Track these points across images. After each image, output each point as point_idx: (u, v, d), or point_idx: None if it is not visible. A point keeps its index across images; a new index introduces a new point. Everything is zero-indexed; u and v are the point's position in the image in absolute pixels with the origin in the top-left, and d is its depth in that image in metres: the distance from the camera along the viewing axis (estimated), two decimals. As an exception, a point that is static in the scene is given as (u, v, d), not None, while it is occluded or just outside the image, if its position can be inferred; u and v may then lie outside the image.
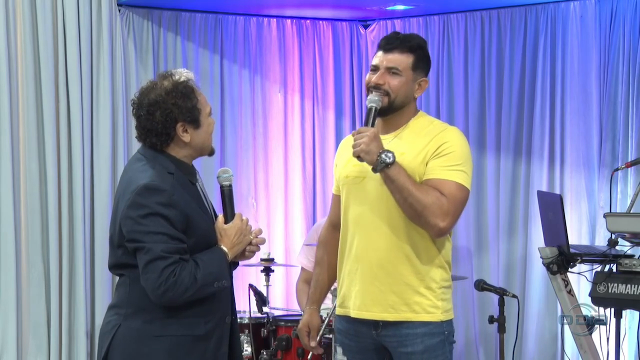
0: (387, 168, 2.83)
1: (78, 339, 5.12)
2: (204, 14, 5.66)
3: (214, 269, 2.64)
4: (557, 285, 3.98)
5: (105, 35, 5.23)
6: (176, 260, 2.58)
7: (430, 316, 2.92)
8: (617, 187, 5.08)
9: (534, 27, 5.49)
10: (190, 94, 2.69)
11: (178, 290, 2.58)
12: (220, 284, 2.65)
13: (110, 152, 5.25)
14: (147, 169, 2.66)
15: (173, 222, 2.60)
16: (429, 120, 3.05)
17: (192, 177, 2.74)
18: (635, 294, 3.71)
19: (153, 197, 2.59)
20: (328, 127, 6.03)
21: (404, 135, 2.98)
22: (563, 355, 5.23)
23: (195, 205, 2.69)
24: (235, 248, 2.70)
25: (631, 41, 5.14)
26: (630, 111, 5.16)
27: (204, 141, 2.72)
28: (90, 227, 5.23)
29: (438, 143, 2.92)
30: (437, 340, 2.92)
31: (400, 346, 2.92)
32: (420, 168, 2.91)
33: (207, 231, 2.69)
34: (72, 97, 5.16)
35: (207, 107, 2.74)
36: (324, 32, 6.03)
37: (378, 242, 2.93)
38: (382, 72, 2.96)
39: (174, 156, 2.69)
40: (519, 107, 5.57)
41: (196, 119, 2.68)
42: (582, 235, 5.25)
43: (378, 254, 2.93)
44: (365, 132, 2.86)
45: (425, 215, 2.84)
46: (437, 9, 5.75)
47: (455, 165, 2.89)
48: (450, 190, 2.87)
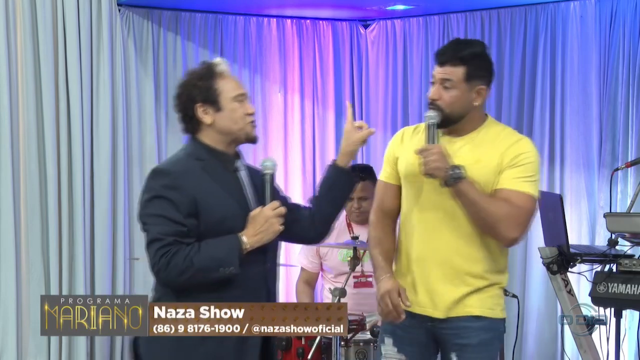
0: (457, 183, 2.87)
1: (78, 339, 5.12)
2: (204, 13, 5.66)
3: (219, 254, 2.63)
4: (557, 285, 3.98)
5: (105, 35, 5.22)
6: (170, 242, 2.62)
7: (490, 312, 3.00)
8: (617, 187, 5.07)
9: (534, 27, 5.49)
10: (210, 75, 2.73)
11: (171, 272, 2.62)
12: (226, 270, 2.63)
13: (110, 151, 5.25)
14: (173, 155, 2.78)
15: (176, 205, 2.63)
16: (501, 127, 3.08)
17: (229, 164, 2.75)
18: (635, 294, 3.71)
19: (159, 180, 2.67)
20: (328, 127, 6.02)
21: (477, 141, 2.99)
22: (563, 355, 5.22)
23: (217, 191, 2.69)
24: (258, 236, 2.68)
25: (631, 41, 5.14)
26: (630, 111, 5.16)
27: (229, 126, 2.73)
28: (90, 226, 5.22)
29: (515, 153, 2.96)
30: (491, 335, 3.00)
31: (456, 338, 2.96)
32: (494, 177, 2.95)
33: (226, 217, 2.68)
34: (72, 97, 5.16)
35: (234, 91, 2.74)
36: (324, 32, 6.03)
37: (448, 239, 2.97)
38: (437, 87, 2.97)
39: (207, 143, 2.74)
40: (519, 107, 5.57)
41: (214, 101, 2.72)
42: (582, 235, 5.25)
43: (448, 251, 2.96)
44: (432, 150, 2.90)
45: (498, 227, 2.91)
46: (437, 8, 5.74)
47: (529, 177, 2.94)
48: (522, 201, 2.92)
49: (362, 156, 6.01)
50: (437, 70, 2.98)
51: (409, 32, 5.94)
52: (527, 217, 2.95)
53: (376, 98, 6.06)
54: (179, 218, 2.63)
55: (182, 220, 2.63)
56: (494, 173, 2.94)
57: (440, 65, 2.96)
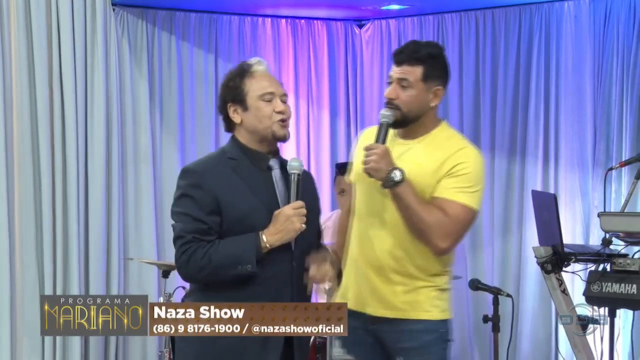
0: (395, 186, 2.86)
1: (72, 339, 5.11)
2: (199, 13, 5.66)
3: (236, 252, 2.67)
4: (551, 284, 3.98)
5: (100, 34, 5.22)
6: (190, 239, 2.68)
7: (427, 314, 2.95)
8: (611, 187, 5.08)
9: (529, 26, 5.50)
10: (240, 75, 2.78)
11: (191, 269, 2.69)
12: (243, 267, 2.67)
13: (104, 151, 5.24)
14: (210, 153, 2.88)
15: (199, 203, 2.69)
16: (450, 134, 3.05)
17: (262, 163, 2.78)
18: (629, 293, 3.72)
19: (185, 179, 2.75)
20: (322, 126, 6.02)
21: (424, 144, 2.99)
22: (557, 355, 5.23)
23: (241, 190, 2.72)
24: (279, 235, 2.70)
25: (625, 41, 5.15)
26: (624, 111, 5.17)
27: (255, 125, 2.77)
28: (85, 226, 5.22)
29: (454, 162, 2.93)
30: (433, 337, 2.95)
31: (398, 342, 2.95)
32: (432, 181, 2.92)
33: (247, 215, 2.71)
34: (66, 96, 5.15)
35: (261, 90, 2.77)
36: (319, 31, 6.03)
37: (383, 239, 2.96)
38: (394, 86, 2.96)
39: (241, 142, 2.79)
40: (514, 106, 5.58)
41: (242, 100, 2.76)
42: (576, 234, 5.25)
43: (381, 252, 2.96)
44: (375, 150, 2.89)
45: (427, 234, 2.88)
46: (431, 8, 5.75)
47: (466, 187, 2.91)
48: (456, 211, 2.88)
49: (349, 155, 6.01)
50: (394, 69, 2.97)
51: (404, 32, 5.94)
52: (458, 227, 2.90)
53: (370, 97, 6.06)
54: (201, 216, 2.69)
55: (204, 217, 2.69)
56: (431, 177, 2.92)
57: (398, 65, 2.96)
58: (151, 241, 5.41)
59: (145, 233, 5.41)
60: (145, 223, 5.41)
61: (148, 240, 5.41)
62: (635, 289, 3.69)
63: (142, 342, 5.35)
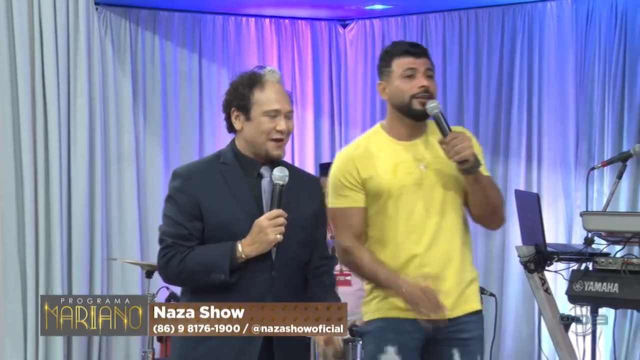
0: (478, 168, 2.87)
1: (55, 338, 5.09)
2: (182, 13, 5.65)
3: (210, 260, 2.68)
4: (534, 283, 4.00)
5: (82, 34, 5.20)
6: (170, 243, 2.71)
7: (480, 305, 3.02)
8: (594, 186, 5.11)
9: (512, 26, 5.52)
10: (250, 83, 2.75)
11: (169, 272, 2.72)
12: (217, 276, 2.68)
13: (87, 151, 5.22)
14: (206, 156, 2.90)
15: (182, 208, 2.71)
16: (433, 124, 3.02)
17: (253, 171, 2.76)
18: (611, 292, 3.74)
19: (173, 182, 2.76)
20: (307, 126, 6.03)
21: (431, 139, 2.94)
22: (540, 353, 5.26)
23: (225, 196, 2.71)
24: (254, 246, 2.69)
25: (607, 41, 5.19)
26: (606, 110, 5.20)
27: (253, 137, 2.74)
28: (68, 226, 5.19)
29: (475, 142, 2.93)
30: (483, 327, 3.02)
31: (459, 333, 2.94)
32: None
33: (229, 223, 2.70)
34: (49, 96, 5.13)
35: (267, 106, 2.72)
36: (303, 31, 6.03)
37: (445, 244, 2.93)
38: (423, 76, 2.89)
39: (238, 147, 2.78)
40: (497, 106, 5.60)
41: (247, 109, 2.74)
42: (558, 233, 5.28)
43: (446, 255, 2.92)
44: (462, 137, 2.83)
45: (501, 210, 2.95)
46: (415, 8, 5.77)
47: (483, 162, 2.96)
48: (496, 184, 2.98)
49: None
50: (414, 61, 2.90)
51: (388, 32, 5.95)
52: None
53: (355, 97, 6.07)
54: (183, 221, 2.70)
55: (185, 223, 2.70)
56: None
57: (417, 57, 2.91)
58: (134, 241, 5.40)
59: (129, 233, 5.40)
60: (128, 223, 5.40)
61: (131, 241, 5.40)
62: (617, 288, 3.71)
63: (125, 342, 5.34)
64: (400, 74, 2.90)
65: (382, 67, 2.95)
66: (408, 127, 2.94)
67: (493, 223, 3.02)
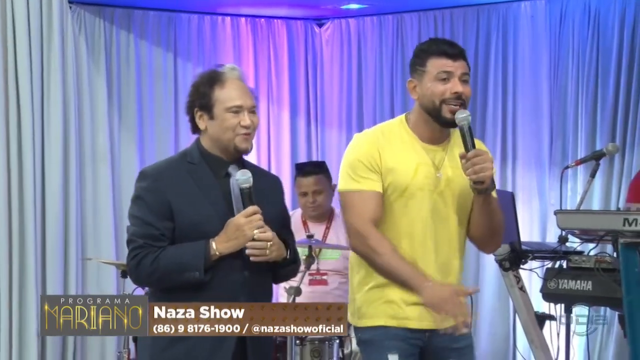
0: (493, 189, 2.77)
1: (28, 339, 5.05)
2: (157, 11, 5.62)
3: (184, 259, 2.66)
4: (509, 281, 4.03)
5: (56, 32, 5.16)
6: (141, 244, 2.68)
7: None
8: (567, 185, 5.16)
9: (486, 26, 5.56)
10: (210, 82, 2.73)
11: (140, 274, 2.70)
12: (191, 274, 2.66)
13: (61, 150, 5.19)
14: (172, 155, 2.88)
15: (151, 208, 2.68)
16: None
17: (221, 170, 2.75)
18: (584, 290, 3.77)
19: (141, 182, 2.73)
20: (283, 125, 6.02)
21: (452, 148, 2.83)
22: (515, 351, 5.29)
23: (194, 196, 2.70)
24: (229, 243, 2.68)
25: (580, 40, 5.23)
26: (579, 110, 5.25)
27: (219, 135, 2.73)
28: (42, 226, 5.16)
29: None
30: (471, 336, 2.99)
31: (455, 342, 2.88)
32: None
33: (199, 222, 2.69)
34: (23, 95, 5.08)
35: (229, 102, 2.71)
36: (279, 30, 6.02)
37: (445, 253, 2.85)
38: (457, 81, 2.75)
39: (204, 146, 2.76)
40: (472, 105, 5.61)
41: (209, 108, 2.72)
42: (533, 232, 5.32)
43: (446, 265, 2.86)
44: (485, 157, 2.70)
45: (500, 234, 2.84)
46: (391, 8, 5.79)
47: None
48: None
49: (318, 155, 6.02)
50: (451, 64, 2.76)
51: (363, 31, 5.97)
52: None
53: (331, 97, 6.08)
54: (153, 221, 2.68)
55: (156, 223, 2.68)
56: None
57: (454, 59, 2.77)
58: (110, 241, 5.37)
59: (104, 233, 5.37)
60: (103, 223, 5.37)
61: (106, 240, 5.37)
62: (590, 286, 3.74)
63: (100, 342, 5.31)
64: (434, 75, 2.76)
65: (416, 65, 2.81)
66: (433, 131, 2.82)
67: (490, 246, 2.94)
